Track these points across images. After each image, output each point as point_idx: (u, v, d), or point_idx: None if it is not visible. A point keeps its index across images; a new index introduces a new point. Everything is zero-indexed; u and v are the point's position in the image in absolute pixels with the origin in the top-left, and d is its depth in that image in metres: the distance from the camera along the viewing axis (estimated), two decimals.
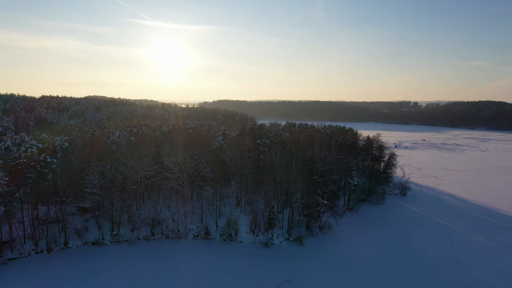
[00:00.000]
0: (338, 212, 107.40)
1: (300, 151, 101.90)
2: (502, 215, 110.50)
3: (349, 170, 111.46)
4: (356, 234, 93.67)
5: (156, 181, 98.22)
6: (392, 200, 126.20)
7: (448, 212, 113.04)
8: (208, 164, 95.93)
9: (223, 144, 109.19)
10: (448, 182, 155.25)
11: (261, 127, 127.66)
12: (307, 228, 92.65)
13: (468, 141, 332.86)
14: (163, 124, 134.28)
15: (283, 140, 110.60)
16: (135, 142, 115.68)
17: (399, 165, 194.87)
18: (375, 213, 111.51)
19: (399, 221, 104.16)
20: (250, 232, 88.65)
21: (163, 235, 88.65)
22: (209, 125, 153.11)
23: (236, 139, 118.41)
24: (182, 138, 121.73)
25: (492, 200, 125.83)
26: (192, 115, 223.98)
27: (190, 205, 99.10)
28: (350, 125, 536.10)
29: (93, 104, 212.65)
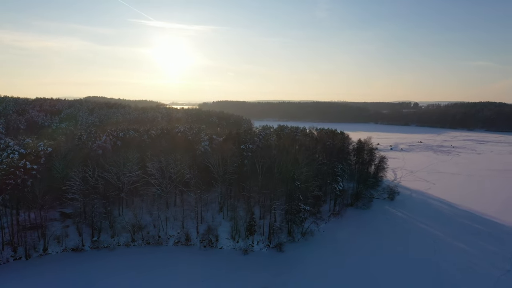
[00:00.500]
0: (322, 218, 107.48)
1: (284, 156, 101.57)
2: (488, 220, 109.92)
3: (335, 175, 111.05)
4: (338, 240, 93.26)
5: (139, 187, 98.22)
6: (380, 204, 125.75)
7: (434, 217, 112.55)
8: (190, 170, 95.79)
9: (207, 149, 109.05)
10: (438, 186, 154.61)
11: (248, 132, 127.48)
12: (289, 234, 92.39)
13: (465, 143, 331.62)
14: (151, 128, 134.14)
15: (268, 145, 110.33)
16: (120, 147, 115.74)
17: (392, 168, 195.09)
18: (360, 218, 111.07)
19: (384, 227, 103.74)
20: (231, 239, 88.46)
21: (143, 241, 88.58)
22: (199, 129, 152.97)
23: (222, 144, 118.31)
24: (169, 143, 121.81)
25: (479, 205, 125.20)
26: (186, 117, 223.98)
27: (172, 210, 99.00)
28: (348, 126, 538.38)
29: (87, 107, 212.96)
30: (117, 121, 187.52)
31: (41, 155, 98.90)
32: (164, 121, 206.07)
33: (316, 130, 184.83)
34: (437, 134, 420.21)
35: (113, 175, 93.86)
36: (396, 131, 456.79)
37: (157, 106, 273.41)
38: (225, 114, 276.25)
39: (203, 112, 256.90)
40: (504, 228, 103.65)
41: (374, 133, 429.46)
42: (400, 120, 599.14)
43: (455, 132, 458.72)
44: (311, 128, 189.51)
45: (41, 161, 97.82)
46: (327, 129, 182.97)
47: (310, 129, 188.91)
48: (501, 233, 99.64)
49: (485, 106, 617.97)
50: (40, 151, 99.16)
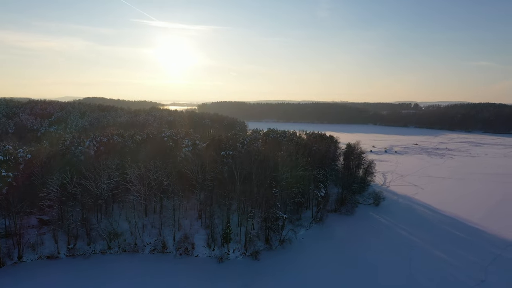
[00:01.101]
0: (303, 225, 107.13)
1: (263, 163, 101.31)
2: (471, 227, 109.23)
3: (317, 181, 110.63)
4: (316, 248, 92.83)
5: (118, 193, 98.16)
6: (364, 210, 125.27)
7: (417, 224, 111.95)
8: (168, 177, 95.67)
9: (189, 155, 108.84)
10: (426, 191, 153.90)
11: (231, 137, 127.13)
12: (267, 242, 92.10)
13: (461, 145, 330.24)
14: (136, 133, 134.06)
15: (248, 151, 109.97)
16: (104, 153, 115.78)
17: (383, 172, 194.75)
18: (342, 225, 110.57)
19: (365, 234, 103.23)
20: (207, 247, 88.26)
21: (120, 249, 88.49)
22: (186, 133, 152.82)
23: (205, 149, 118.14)
24: (153, 148, 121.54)
25: (464, 210, 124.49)
26: (178, 120, 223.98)
27: (151, 218, 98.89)
28: (347, 127, 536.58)
29: (78, 110, 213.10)
30: (107, 125, 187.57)
31: (21, 162, 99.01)
32: (155, 124, 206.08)
33: (306, 133, 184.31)
34: (434, 136, 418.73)
35: (91, 182, 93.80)
36: (393, 133, 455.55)
37: (151, 108, 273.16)
38: (219, 116, 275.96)
39: (196, 115, 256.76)
40: (486, 235, 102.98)
41: (372, 135, 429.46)
42: (399, 122, 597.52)
43: (453, 134, 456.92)
44: (301, 132, 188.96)
45: (20, 168, 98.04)
46: (317, 132, 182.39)
47: (300, 132, 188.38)
48: (482, 241, 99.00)
49: (484, 107, 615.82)
50: (19, 157, 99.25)
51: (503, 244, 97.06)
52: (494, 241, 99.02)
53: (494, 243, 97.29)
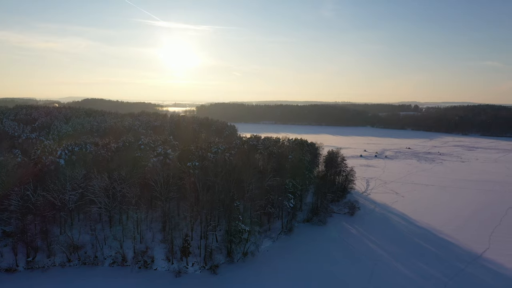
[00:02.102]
0: (271, 236, 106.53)
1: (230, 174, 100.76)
2: (441, 240, 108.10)
3: (286, 192, 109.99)
4: (279, 261, 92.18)
5: (82, 205, 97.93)
6: (338, 220, 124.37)
7: (388, 235, 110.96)
8: (131, 188, 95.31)
9: (157, 165, 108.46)
10: (406, 199, 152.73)
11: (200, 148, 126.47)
12: (228, 255, 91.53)
13: (454, 149, 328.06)
14: (111, 141, 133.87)
15: (214, 162, 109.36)
16: (74, 162, 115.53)
17: (367, 178, 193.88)
18: (312, 236, 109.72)
19: (332, 246, 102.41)
20: (166, 260, 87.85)
21: (80, 262, 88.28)
22: (164, 140, 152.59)
23: (177, 159, 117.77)
24: (125, 157, 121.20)
25: (438, 221, 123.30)
26: (164, 125, 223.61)
27: (114, 230, 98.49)
28: (344, 129, 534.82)
29: (64, 115, 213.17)
30: (91, 131, 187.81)
31: None
32: (141, 129, 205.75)
33: (288, 140, 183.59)
34: (429, 139, 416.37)
35: (54, 193, 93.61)
36: (389, 136, 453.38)
37: (141, 113, 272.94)
38: (209, 120, 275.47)
39: (185, 119, 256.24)
40: (454, 248, 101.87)
41: (367, 138, 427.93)
42: (396, 124, 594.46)
43: (449, 137, 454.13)
44: (283, 139, 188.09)
45: None
46: (300, 139, 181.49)
47: (284, 139, 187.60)
48: (449, 254, 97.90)
49: (482, 109, 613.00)
50: None
51: (469, 257, 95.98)
52: (461, 254, 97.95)
53: (461, 257, 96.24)
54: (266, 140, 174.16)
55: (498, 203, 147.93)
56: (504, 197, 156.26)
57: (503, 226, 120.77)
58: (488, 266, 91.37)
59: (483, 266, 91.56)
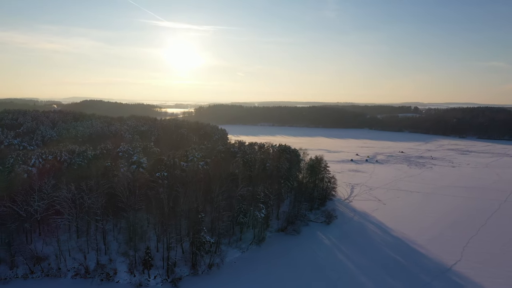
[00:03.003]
0: (241, 247, 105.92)
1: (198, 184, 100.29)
2: (413, 251, 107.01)
3: (257, 201, 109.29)
4: (244, 273, 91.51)
5: (48, 215, 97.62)
6: (313, 229, 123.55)
7: (360, 246, 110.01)
8: (98, 198, 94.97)
9: (127, 175, 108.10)
10: (387, 207, 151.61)
11: (182, 155, 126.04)
12: (193, 267, 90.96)
13: (447, 153, 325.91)
14: (88, 149, 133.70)
15: (182, 172, 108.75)
16: (48, 171, 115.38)
17: (353, 184, 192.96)
18: (283, 246, 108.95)
19: (301, 258, 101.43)
20: (129, 272, 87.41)
21: (43, 274, 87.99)
22: (144, 147, 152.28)
23: (150, 168, 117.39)
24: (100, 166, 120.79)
25: (414, 231, 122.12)
26: (151, 130, 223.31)
27: (79, 241, 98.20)
28: (341, 132, 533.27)
29: (51, 120, 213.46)
30: (76, 136, 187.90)
31: None
32: (127, 135, 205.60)
33: (272, 146, 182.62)
34: (425, 142, 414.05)
35: (20, 204, 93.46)
36: (385, 139, 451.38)
37: (130, 116, 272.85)
38: (198, 124, 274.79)
39: (177, 122, 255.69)
40: (424, 260, 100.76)
41: (362, 141, 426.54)
42: (394, 126, 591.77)
43: (445, 139, 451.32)
44: (268, 145, 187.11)
45: None
46: (284, 145, 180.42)
47: (268, 145, 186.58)
48: (418, 267, 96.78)
49: (481, 111, 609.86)
50: None
51: (438, 270, 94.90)
52: (431, 267, 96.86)
53: (430, 270, 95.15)
54: (249, 146, 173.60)
55: (479, 211, 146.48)
56: (486, 206, 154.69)
57: (480, 236, 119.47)
58: (455, 280, 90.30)
59: (450, 279, 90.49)
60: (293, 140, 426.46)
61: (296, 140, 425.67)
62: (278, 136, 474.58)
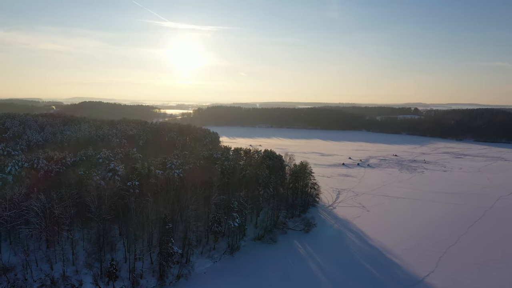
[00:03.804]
0: (213, 256, 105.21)
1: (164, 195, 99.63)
2: (388, 261, 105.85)
3: (231, 211, 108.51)
4: (213, 284, 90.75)
5: (17, 225, 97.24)
6: (290, 238, 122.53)
7: (335, 256, 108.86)
8: (67, 208, 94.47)
9: (101, 183, 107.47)
10: (370, 214, 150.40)
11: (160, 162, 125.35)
12: (161, 278, 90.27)
13: (441, 156, 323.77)
14: (67, 155, 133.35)
15: (155, 181, 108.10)
16: (25, 178, 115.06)
17: (340, 190, 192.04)
18: (257, 256, 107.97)
19: (274, 268, 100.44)
20: (94, 283, 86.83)
21: (9, 285, 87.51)
22: (126, 153, 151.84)
23: (124, 177, 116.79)
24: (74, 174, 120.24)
25: (393, 240, 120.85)
26: (140, 134, 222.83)
27: (49, 251, 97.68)
28: (338, 134, 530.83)
29: (40, 124, 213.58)
30: (62, 141, 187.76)
31: None
32: (115, 139, 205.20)
33: (257, 152, 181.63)
34: (420, 145, 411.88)
35: None
36: (381, 141, 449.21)
37: (122, 120, 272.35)
38: (190, 128, 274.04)
39: (168, 125, 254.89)
40: (398, 272, 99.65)
41: (357, 144, 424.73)
42: (392, 128, 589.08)
43: (441, 142, 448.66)
44: (253, 150, 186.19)
45: None
46: (269, 150, 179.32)
47: (253, 151, 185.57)
48: (390, 278, 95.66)
49: (480, 113, 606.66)
50: None
51: (409, 282, 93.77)
52: (402, 278, 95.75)
53: (400, 282, 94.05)
54: (234, 152, 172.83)
55: (462, 219, 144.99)
56: (471, 213, 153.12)
57: (458, 246, 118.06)
58: None
59: None
60: (288, 143, 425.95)
61: (292, 143, 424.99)
62: (274, 139, 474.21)
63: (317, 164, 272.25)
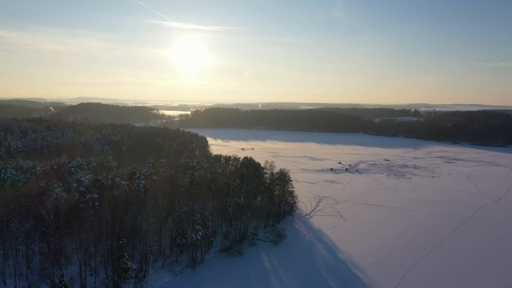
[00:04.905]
0: (174, 270, 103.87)
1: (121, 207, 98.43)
2: (352, 276, 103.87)
3: (193, 223, 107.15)
4: None
5: None
6: (258, 250, 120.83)
7: (299, 270, 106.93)
8: (22, 222, 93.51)
9: (63, 195, 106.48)
10: (346, 224, 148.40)
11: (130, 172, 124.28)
12: None
13: (433, 161, 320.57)
14: (36, 165, 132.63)
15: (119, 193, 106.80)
16: None
17: (321, 197, 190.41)
18: (218, 269, 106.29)
19: (231, 283, 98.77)
20: None
21: None
22: (99, 161, 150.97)
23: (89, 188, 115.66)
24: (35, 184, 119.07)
25: (362, 252, 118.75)
26: (124, 140, 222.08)
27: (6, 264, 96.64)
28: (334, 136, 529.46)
29: (24, 129, 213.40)
30: (42, 147, 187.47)
31: None
32: (97, 145, 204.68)
33: (235, 160, 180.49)
34: (415, 149, 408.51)
35: None
36: (376, 145, 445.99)
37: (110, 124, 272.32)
38: (177, 133, 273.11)
39: (148, 132, 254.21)
40: (358, 287, 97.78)
41: (351, 147, 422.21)
42: (389, 131, 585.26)
43: (436, 146, 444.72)
44: (234, 158, 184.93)
45: None
46: (249, 158, 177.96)
47: (233, 158, 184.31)
48: None
49: (477, 116, 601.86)
50: None
51: None
52: None
53: None
54: (214, 159, 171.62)
55: (439, 229, 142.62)
56: (449, 223, 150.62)
57: (428, 258, 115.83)
58: None
59: None
60: (281, 146, 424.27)
61: (285, 146, 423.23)
62: (268, 142, 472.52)
63: (305, 170, 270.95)
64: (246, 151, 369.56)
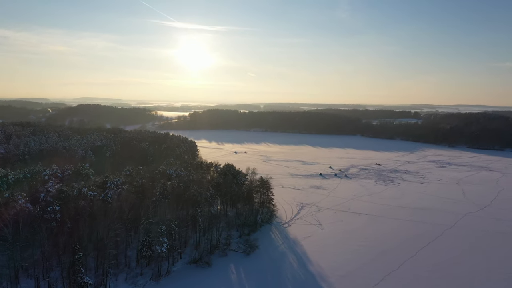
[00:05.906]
0: (137, 283, 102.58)
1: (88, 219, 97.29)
2: None
3: (158, 236, 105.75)
4: None
5: None
6: (228, 261, 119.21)
7: (265, 284, 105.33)
8: None
9: (27, 206, 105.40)
10: (323, 233, 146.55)
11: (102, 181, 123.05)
12: None
13: (425, 166, 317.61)
14: (8, 173, 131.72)
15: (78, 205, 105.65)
16: None
17: (304, 204, 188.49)
18: (183, 283, 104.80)
19: None
20: None
21: None
22: (76, 169, 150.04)
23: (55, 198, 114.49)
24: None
25: (333, 265, 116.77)
26: (109, 145, 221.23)
27: None
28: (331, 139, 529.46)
29: (8, 134, 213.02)
30: (23, 153, 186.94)
31: None
32: (80, 151, 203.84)
33: (215, 167, 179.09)
34: (409, 153, 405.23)
35: None
36: (370, 148, 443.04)
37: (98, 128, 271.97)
38: (165, 137, 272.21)
39: (136, 136, 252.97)
40: None
41: (345, 150, 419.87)
42: (386, 133, 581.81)
43: (432, 149, 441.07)
44: (215, 164, 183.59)
45: None
46: (230, 164, 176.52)
47: (215, 165, 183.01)
48: None
49: (475, 118, 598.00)
50: None
51: None
52: None
53: None
54: (190, 168, 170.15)
55: (417, 239, 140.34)
56: (428, 232, 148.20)
57: (400, 271, 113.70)
58: None
59: None
60: (275, 149, 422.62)
61: (279, 149, 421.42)
62: (263, 144, 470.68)
63: (293, 175, 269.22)
64: (238, 154, 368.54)
